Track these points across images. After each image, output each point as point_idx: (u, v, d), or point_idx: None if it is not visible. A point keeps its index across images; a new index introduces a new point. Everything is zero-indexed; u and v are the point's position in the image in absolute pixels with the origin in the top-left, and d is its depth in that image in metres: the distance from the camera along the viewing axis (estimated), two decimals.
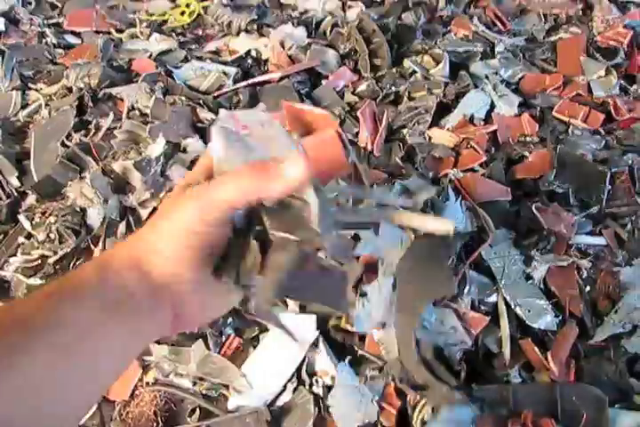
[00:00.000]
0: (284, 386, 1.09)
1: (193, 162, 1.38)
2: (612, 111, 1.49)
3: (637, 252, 1.25)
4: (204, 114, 1.46)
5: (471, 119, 1.46)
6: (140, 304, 0.51)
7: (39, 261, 1.27)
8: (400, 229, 1.17)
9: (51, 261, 1.26)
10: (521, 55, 1.66)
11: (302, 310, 1.15)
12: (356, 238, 1.14)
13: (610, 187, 1.31)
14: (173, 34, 1.85)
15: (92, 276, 0.50)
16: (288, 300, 1.14)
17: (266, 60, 1.72)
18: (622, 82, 1.58)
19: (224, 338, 1.14)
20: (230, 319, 1.15)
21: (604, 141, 1.41)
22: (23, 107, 1.64)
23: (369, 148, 1.39)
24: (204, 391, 1.11)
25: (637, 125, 1.47)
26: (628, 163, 1.36)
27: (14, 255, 1.29)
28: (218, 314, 0.64)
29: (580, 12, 1.83)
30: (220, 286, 0.56)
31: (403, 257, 1.14)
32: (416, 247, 1.15)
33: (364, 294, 1.12)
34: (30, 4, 2.02)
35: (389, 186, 1.28)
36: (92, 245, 1.27)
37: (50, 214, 1.32)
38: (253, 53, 1.73)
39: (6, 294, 1.26)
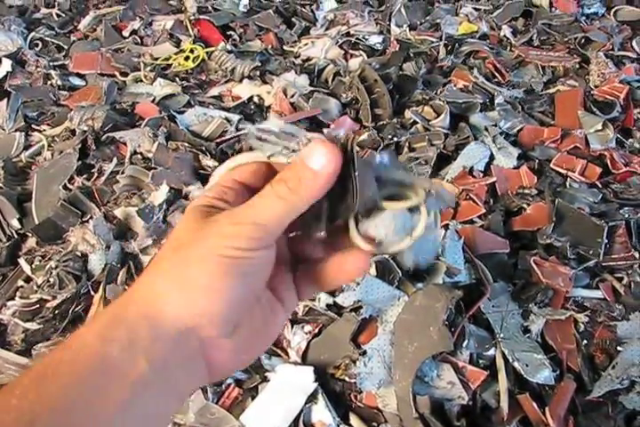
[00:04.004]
0: None
1: None
2: (609, 164, 1.51)
3: (634, 306, 1.26)
4: (207, 161, 1.48)
5: (470, 171, 1.48)
6: (168, 372, 0.41)
7: (38, 306, 1.26)
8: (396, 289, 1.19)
9: (49, 305, 1.25)
10: (520, 107, 1.69)
11: (303, 361, 1.16)
12: None
13: (607, 241, 1.32)
14: (177, 78, 1.87)
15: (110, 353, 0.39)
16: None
17: (268, 107, 1.74)
18: (619, 135, 1.61)
19: (223, 388, 1.14)
20: None
21: (600, 195, 1.43)
22: (26, 148, 1.66)
23: None
24: None
25: (634, 179, 1.49)
26: (625, 217, 1.38)
27: (12, 299, 1.29)
28: (255, 356, 0.52)
29: (577, 66, 1.87)
30: (258, 323, 0.46)
31: (401, 312, 1.15)
32: (413, 302, 1.16)
33: (364, 353, 1.13)
34: (37, 45, 2.05)
35: None
36: (92, 291, 1.27)
37: (50, 258, 1.33)
38: (256, 99, 1.75)
39: (2, 337, 1.25)
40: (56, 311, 1.25)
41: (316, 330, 1.19)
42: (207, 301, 0.41)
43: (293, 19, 2.14)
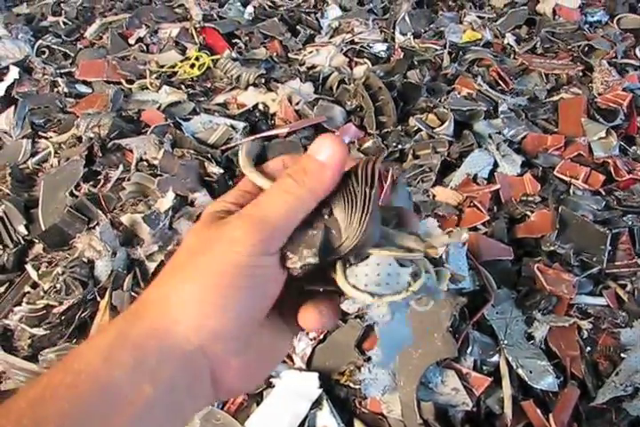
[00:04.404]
0: None
1: (199, 216, 1.40)
2: (613, 172, 1.52)
3: (637, 313, 1.26)
4: (212, 168, 1.49)
5: (474, 178, 1.49)
6: (172, 391, 0.39)
7: (44, 311, 1.27)
8: None
9: (56, 311, 1.26)
10: (523, 115, 1.70)
11: (307, 367, 1.16)
12: None
13: (610, 248, 1.33)
14: (183, 86, 1.88)
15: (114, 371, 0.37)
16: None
17: (273, 114, 1.75)
18: (622, 143, 1.61)
19: None
20: None
21: (604, 202, 1.43)
22: (33, 154, 1.67)
23: None
24: None
25: (637, 186, 1.49)
26: (628, 224, 1.39)
27: (19, 304, 1.30)
28: (263, 378, 0.51)
29: (581, 74, 1.87)
30: (266, 343, 0.45)
31: None
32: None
33: (368, 360, 1.13)
34: (44, 53, 2.07)
35: None
36: (98, 297, 1.27)
37: (56, 264, 1.33)
38: (261, 107, 1.76)
39: (9, 342, 1.26)
40: (62, 317, 1.25)
41: (321, 336, 1.20)
42: (215, 317, 0.40)
43: (298, 27, 2.15)
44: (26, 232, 1.45)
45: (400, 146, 1.57)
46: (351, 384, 1.15)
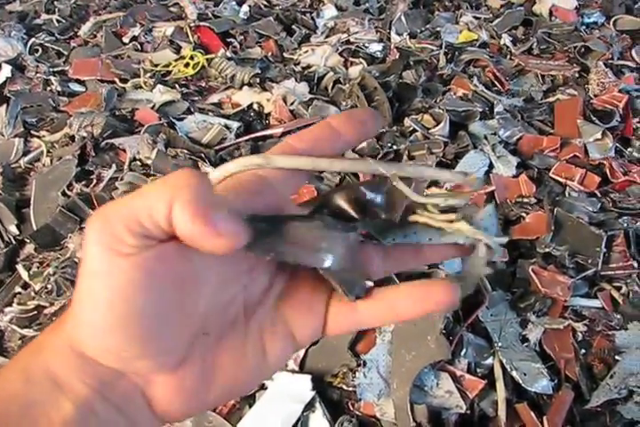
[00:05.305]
0: None
1: None
2: (608, 174, 1.51)
3: (632, 315, 1.25)
4: (206, 168, 1.48)
5: None
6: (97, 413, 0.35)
7: (35, 312, 1.26)
8: None
9: (47, 312, 1.25)
10: (519, 116, 1.69)
11: (300, 369, 1.16)
12: None
13: (605, 250, 1.32)
14: (177, 85, 1.87)
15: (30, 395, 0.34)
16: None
17: (267, 114, 1.74)
18: (618, 145, 1.61)
19: None
20: None
21: (599, 204, 1.43)
22: (25, 153, 1.66)
23: None
24: None
25: (632, 188, 1.48)
26: (624, 226, 1.38)
27: (10, 305, 1.29)
28: (220, 399, 0.40)
29: (577, 75, 1.87)
30: (232, 355, 0.38)
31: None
32: None
33: (364, 364, 1.12)
34: (37, 51, 2.05)
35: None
36: None
37: (48, 265, 1.32)
38: (255, 107, 1.75)
39: None
40: (53, 318, 1.24)
41: None
42: (116, 325, 0.33)
43: (294, 26, 2.14)
44: (17, 232, 1.44)
45: (395, 146, 1.56)
46: (344, 387, 1.15)
